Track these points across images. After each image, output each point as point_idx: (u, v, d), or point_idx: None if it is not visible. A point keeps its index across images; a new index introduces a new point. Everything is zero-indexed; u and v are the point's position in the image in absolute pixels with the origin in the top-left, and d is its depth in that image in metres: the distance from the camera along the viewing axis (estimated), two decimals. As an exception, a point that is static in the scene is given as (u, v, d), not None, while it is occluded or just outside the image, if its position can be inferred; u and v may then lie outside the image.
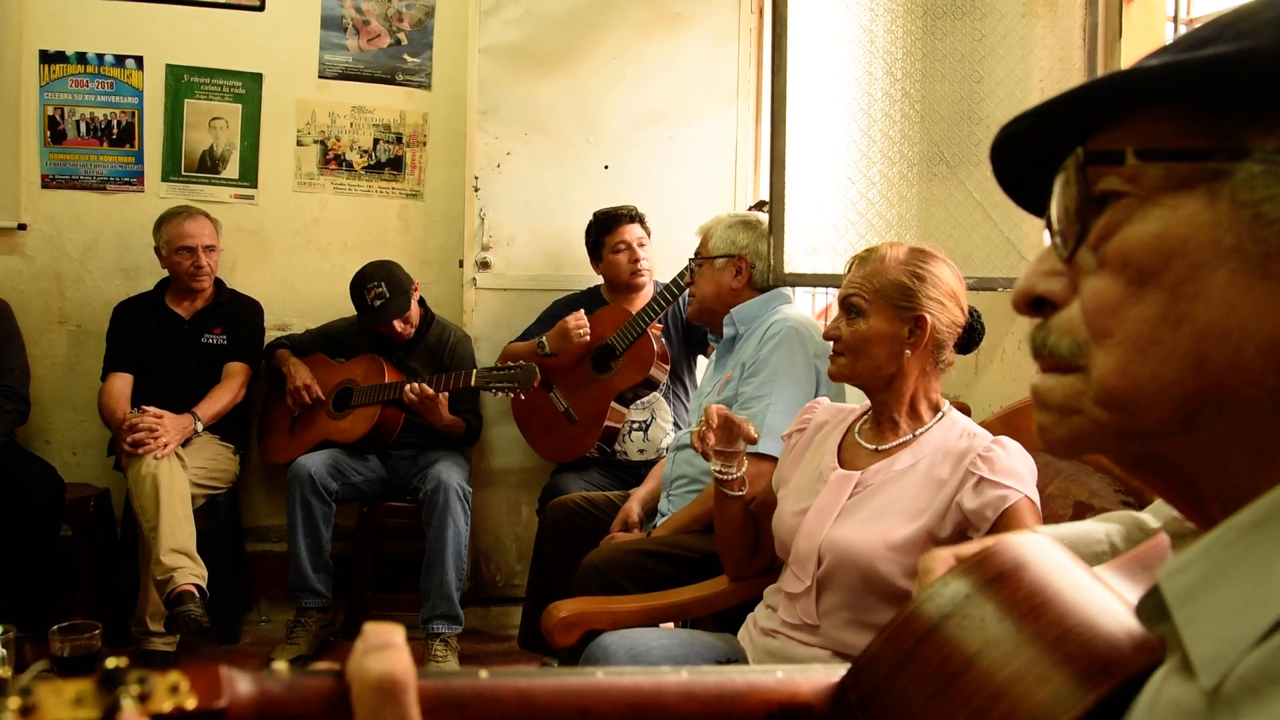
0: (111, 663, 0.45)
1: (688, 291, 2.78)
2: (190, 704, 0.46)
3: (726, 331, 2.59)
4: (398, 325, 3.46)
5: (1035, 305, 0.58)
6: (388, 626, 0.54)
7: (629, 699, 0.59)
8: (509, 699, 0.56)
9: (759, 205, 3.34)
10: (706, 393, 2.64)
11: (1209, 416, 0.50)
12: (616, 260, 3.41)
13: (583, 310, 3.32)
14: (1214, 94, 0.51)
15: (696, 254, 2.69)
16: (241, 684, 0.49)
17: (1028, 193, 0.64)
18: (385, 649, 0.53)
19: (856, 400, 2.43)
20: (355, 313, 3.70)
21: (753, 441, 1.87)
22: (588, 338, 3.27)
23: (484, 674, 0.57)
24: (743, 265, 2.59)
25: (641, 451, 3.33)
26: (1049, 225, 0.58)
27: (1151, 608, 0.52)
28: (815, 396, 2.37)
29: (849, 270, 1.73)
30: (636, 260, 3.38)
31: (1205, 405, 0.50)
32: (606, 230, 3.41)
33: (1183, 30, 2.42)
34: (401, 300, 3.44)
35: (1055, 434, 0.56)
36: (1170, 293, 0.50)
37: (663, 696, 0.60)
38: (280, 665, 0.52)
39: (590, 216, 3.47)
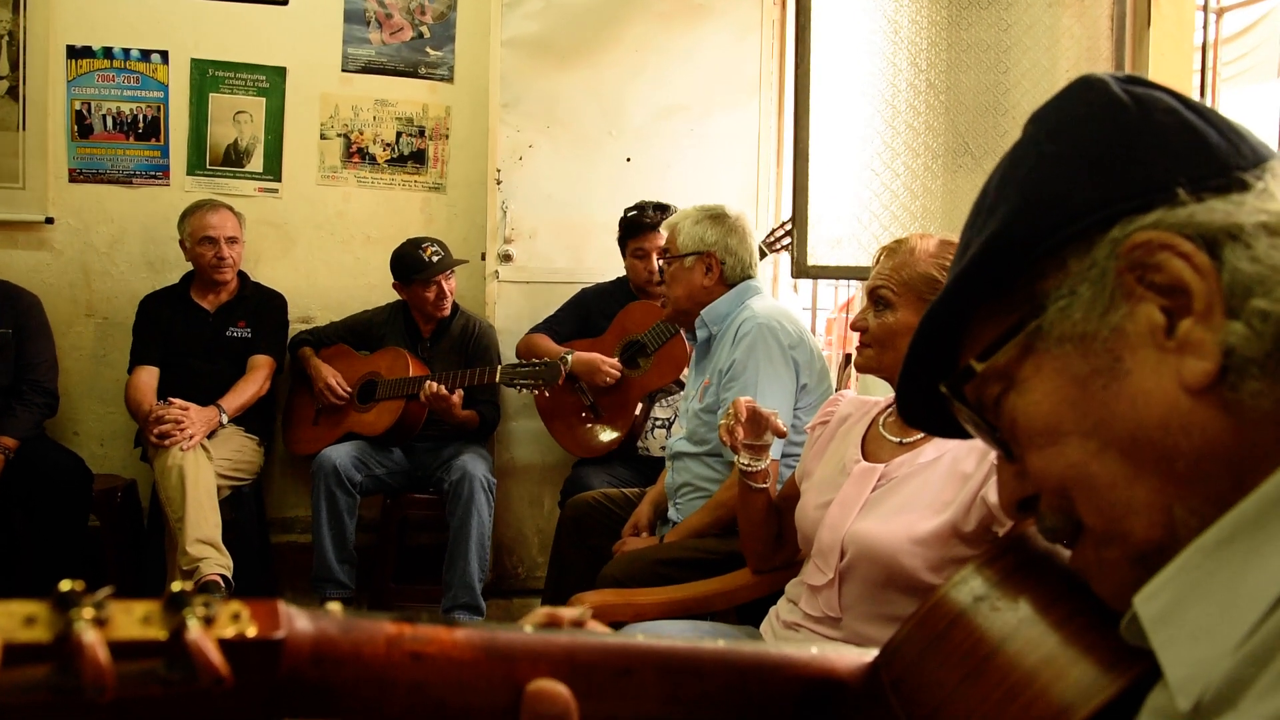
0: (177, 586, 0.46)
1: (659, 291, 2.70)
2: (251, 631, 0.47)
3: (700, 334, 2.53)
4: (445, 286, 3.48)
5: (1023, 507, 0.63)
6: (553, 693, 0.55)
7: (668, 663, 0.60)
8: (555, 654, 0.57)
9: (781, 226, 3.34)
10: (690, 397, 2.60)
11: (1181, 512, 0.53)
12: (634, 265, 3.41)
13: (619, 361, 3.30)
14: (992, 285, 0.61)
15: (664, 252, 2.60)
16: (299, 620, 0.50)
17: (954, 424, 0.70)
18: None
19: (831, 385, 2.43)
20: (377, 304, 3.73)
21: (781, 435, 1.86)
22: (610, 383, 3.28)
23: (529, 629, 0.58)
24: (712, 262, 2.49)
25: (664, 448, 3.32)
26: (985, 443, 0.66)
27: (1137, 628, 0.54)
28: (797, 386, 2.37)
29: (877, 261, 1.72)
30: (652, 271, 3.32)
31: (1171, 503, 0.53)
32: (629, 234, 3.38)
33: (1212, 20, 2.39)
34: (453, 260, 3.50)
35: (1103, 590, 0.59)
36: (1077, 435, 0.56)
37: (701, 663, 0.61)
38: (335, 606, 0.53)
39: (619, 209, 3.44)
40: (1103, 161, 0.57)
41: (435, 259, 3.45)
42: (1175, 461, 0.52)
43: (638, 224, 3.35)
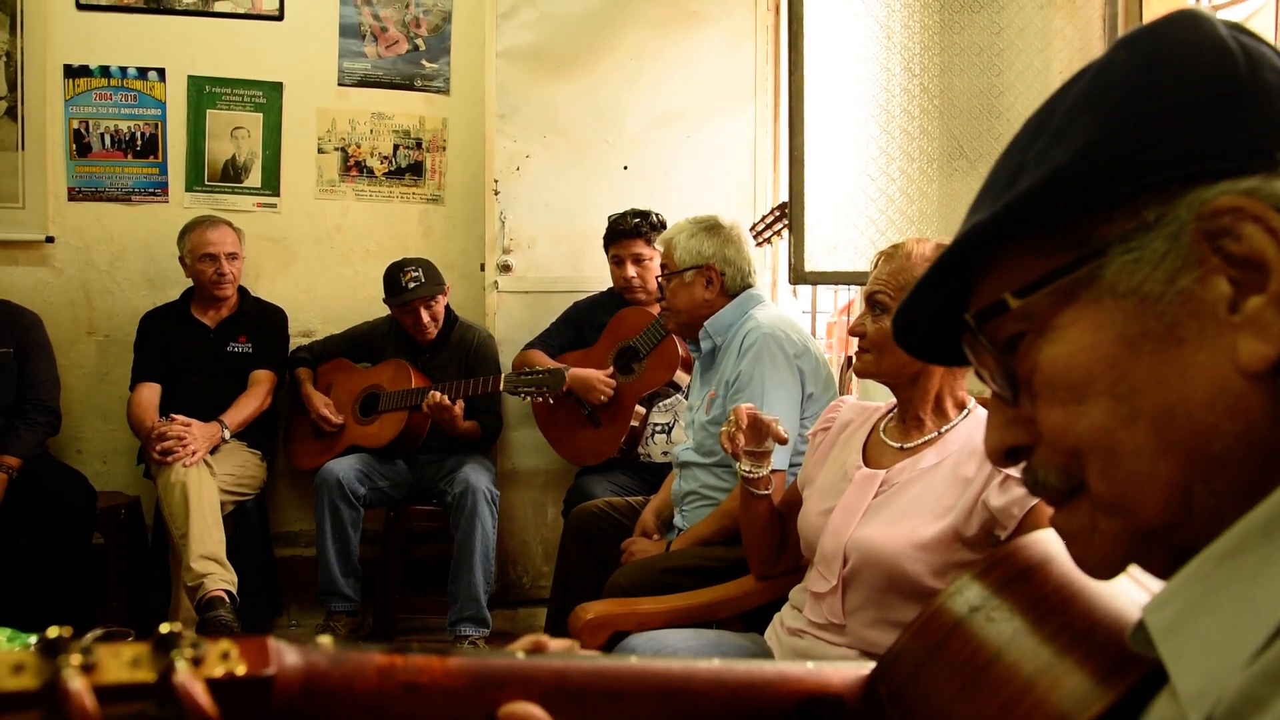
0: (165, 628, 0.46)
1: (661, 307, 2.72)
2: (240, 670, 0.47)
3: (704, 346, 2.54)
4: (424, 316, 3.46)
5: (1011, 455, 0.60)
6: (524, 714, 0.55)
7: (661, 684, 0.60)
8: (545, 679, 0.57)
9: (781, 208, 3.33)
10: (695, 408, 2.60)
11: (1201, 493, 0.51)
12: (613, 271, 3.43)
13: (615, 374, 3.30)
14: (1048, 218, 0.55)
15: (663, 267, 2.61)
16: (289, 655, 0.50)
17: (945, 351, 0.67)
18: None
19: (836, 393, 2.43)
20: (377, 316, 3.73)
21: (782, 441, 1.86)
22: (604, 400, 3.27)
23: (520, 654, 0.58)
24: (712, 275, 2.51)
25: (665, 454, 3.32)
26: (981, 379, 0.62)
27: (1144, 637, 0.53)
28: (803, 395, 2.37)
29: (875, 266, 1.72)
30: (629, 277, 3.35)
31: (1193, 483, 0.51)
32: (610, 239, 3.40)
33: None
34: (435, 288, 3.47)
35: (1088, 558, 0.57)
36: (1110, 398, 0.52)
37: (694, 683, 0.60)
38: (325, 639, 0.53)
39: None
40: (1202, 111, 0.51)
41: (412, 285, 3.43)
42: (1212, 443, 0.50)
43: (615, 229, 3.37)
